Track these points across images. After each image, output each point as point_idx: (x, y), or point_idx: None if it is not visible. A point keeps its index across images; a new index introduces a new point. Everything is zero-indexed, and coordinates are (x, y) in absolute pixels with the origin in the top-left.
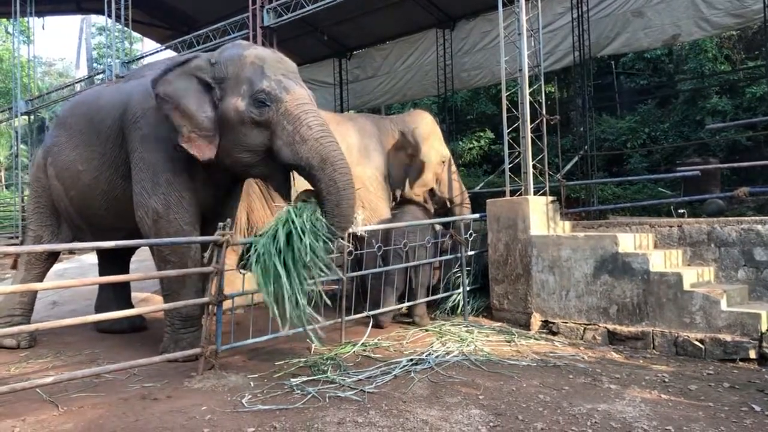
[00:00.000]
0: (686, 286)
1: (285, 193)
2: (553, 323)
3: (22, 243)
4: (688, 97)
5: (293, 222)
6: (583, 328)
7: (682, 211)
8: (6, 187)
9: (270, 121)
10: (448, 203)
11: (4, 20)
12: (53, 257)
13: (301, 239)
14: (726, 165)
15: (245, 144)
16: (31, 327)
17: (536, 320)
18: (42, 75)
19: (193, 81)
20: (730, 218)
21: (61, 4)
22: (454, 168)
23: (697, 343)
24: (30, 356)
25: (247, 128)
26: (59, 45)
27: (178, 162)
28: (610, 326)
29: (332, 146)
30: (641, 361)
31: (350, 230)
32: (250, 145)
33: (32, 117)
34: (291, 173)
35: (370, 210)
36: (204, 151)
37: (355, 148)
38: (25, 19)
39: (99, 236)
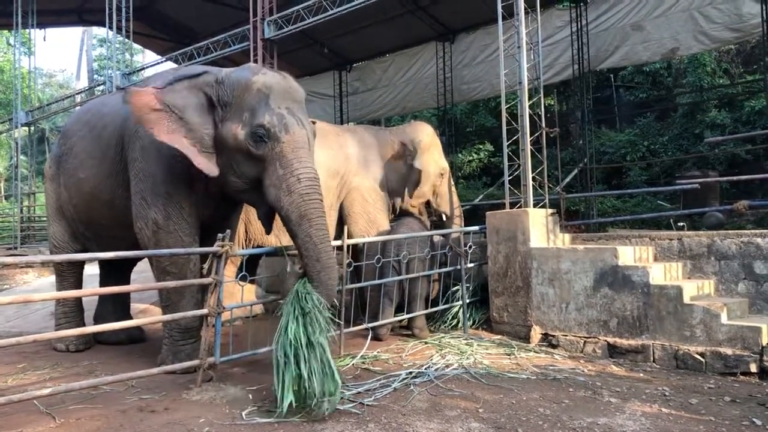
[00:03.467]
0: (686, 299)
1: (267, 226)
2: (553, 336)
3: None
4: (687, 111)
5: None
6: (583, 341)
7: (681, 224)
8: (5, 198)
9: (265, 157)
10: (443, 216)
11: (5, 32)
12: (78, 264)
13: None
14: (725, 178)
15: (238, 170)
16: (29, 338)
17: (536, 333)
18: (43, 86)
19: (200, 96)
20: (730, 231)
21: (62, 16)
22: (451, 181)
23: (697, 356)
24: (27, 368)
25: (242, 157)
26: (60, 56)
27: (178, 173)
28: (611, 339)
29: (315, 203)
30: (641, 375)
31: (349, 242)
32: (243, 172)
33: (32, 128)
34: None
35: (368, 221)
36: (210, 167)
37: (354, 158)
38: (27, 30)
39: (103, 246)
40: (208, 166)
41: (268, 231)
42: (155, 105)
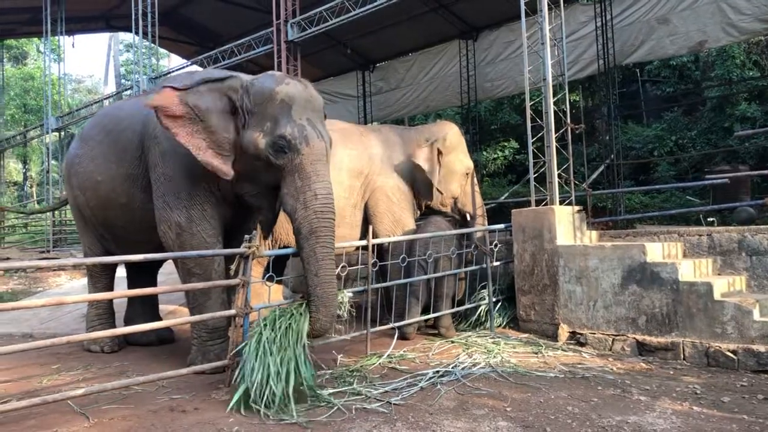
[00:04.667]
0: (717, 296)
1: (266, 231)
2: (581, 334)
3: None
4: (715, 104)
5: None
6: (611, 339)
7: (711, 219)
8: (38, 203)
9: (284, 167)
10: (467, 216)
11: (35, 39)
12: (110, 266)
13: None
14: (756, 172)
15: (255, 176)
16: (63, 340)
17: (564, 331)
18: (72, 92)
19: (224, 100)
20: (762, 226)
21: (90, 23)
22: (475, 180)
23: (729, 353)
24: (61, 368)
25: (262, 165)
26: (88, 62)
27: (198, 176)
28: (639, 337)
29: (327, 222)
30: (671, 373)
31: (374, 242)
32: (260, 179)
33: (62, 133)
34: (277, 218)
35: (393, 221)
36: (225, 170)
37: (378, 158)
38: (56, 37)
39: (122, 247)
40: (222, 168)
41: (266, 236)
42: (176, 105)
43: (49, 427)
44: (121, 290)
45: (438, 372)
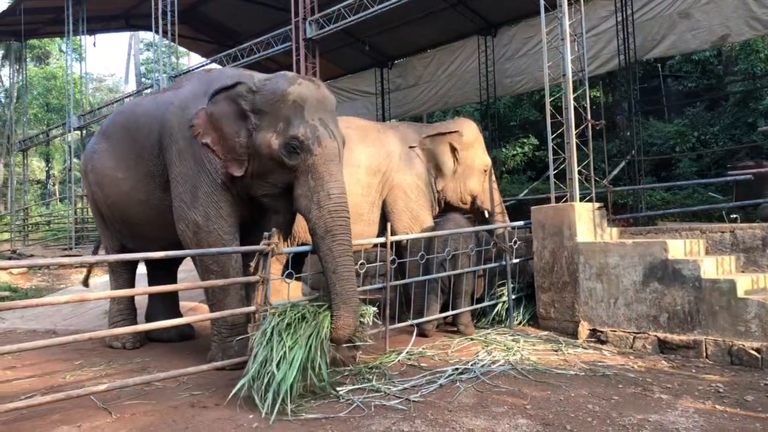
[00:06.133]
0: (740, 294)
1: (285, 234)
2: (602, 332)
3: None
4: (739, 99)
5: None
6: (632, 337)
7: (734, 216)
8: (60, 200)
9: (297, 168)
10: (486, 213)
11: (58, 39)
12: (131, 262)
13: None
14: None
15: (269, 177)
16: (86, 336)
17: (584, 329)
18: (93, 91)
19: (234, 106)
20: None
21: (111, 22)
22: (493, 177)
23: (753, 352)
24: (84, 364)
25: (275, 165)
26: (109, 61)
27: (215, 175)
28: (661, 335)
29: (341, 221)
30: (693, 371)
31: (393, 239)
32: (274, 179)
33: (84, 132)
34: (295, 218)
35: (411, 218)
36: (234, 170)
37: (396, 155)
38: (78, 37)
39: (138, 244)
40: (236, 170)
41: (286, 238)
42: (205, 120)
43: (73, 422)
44: (142, 287)
45: (457, 369)
